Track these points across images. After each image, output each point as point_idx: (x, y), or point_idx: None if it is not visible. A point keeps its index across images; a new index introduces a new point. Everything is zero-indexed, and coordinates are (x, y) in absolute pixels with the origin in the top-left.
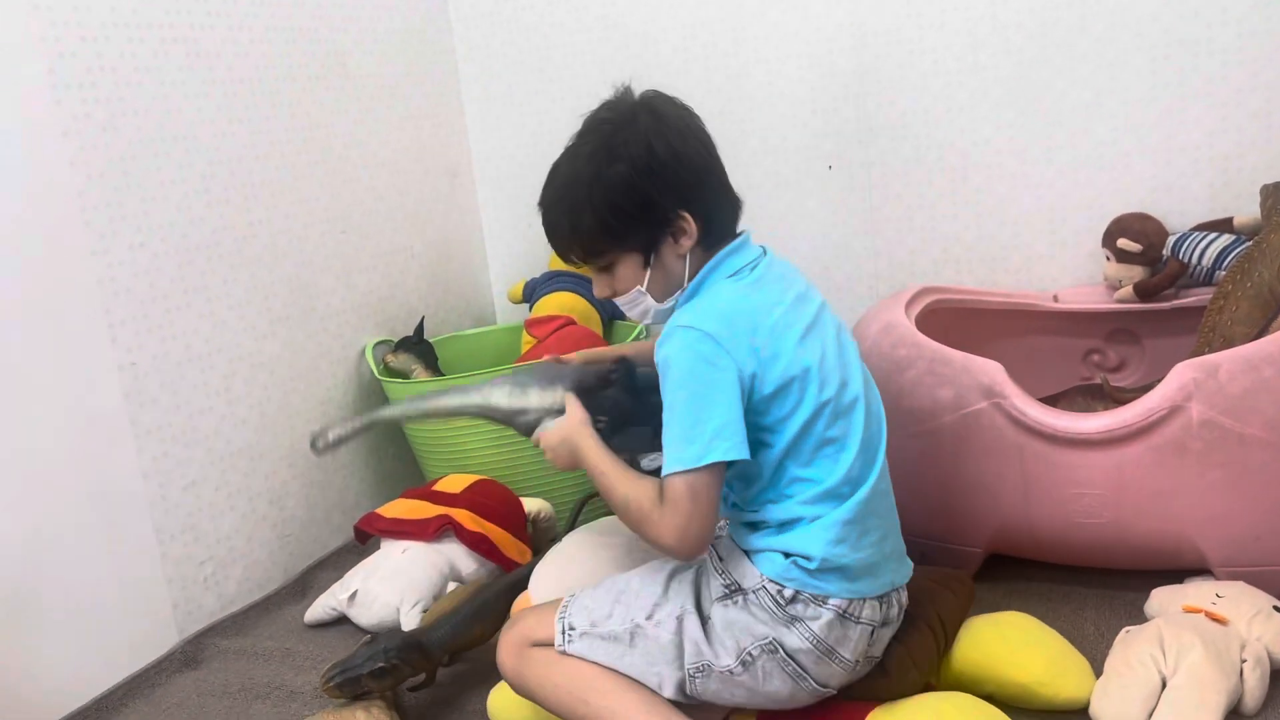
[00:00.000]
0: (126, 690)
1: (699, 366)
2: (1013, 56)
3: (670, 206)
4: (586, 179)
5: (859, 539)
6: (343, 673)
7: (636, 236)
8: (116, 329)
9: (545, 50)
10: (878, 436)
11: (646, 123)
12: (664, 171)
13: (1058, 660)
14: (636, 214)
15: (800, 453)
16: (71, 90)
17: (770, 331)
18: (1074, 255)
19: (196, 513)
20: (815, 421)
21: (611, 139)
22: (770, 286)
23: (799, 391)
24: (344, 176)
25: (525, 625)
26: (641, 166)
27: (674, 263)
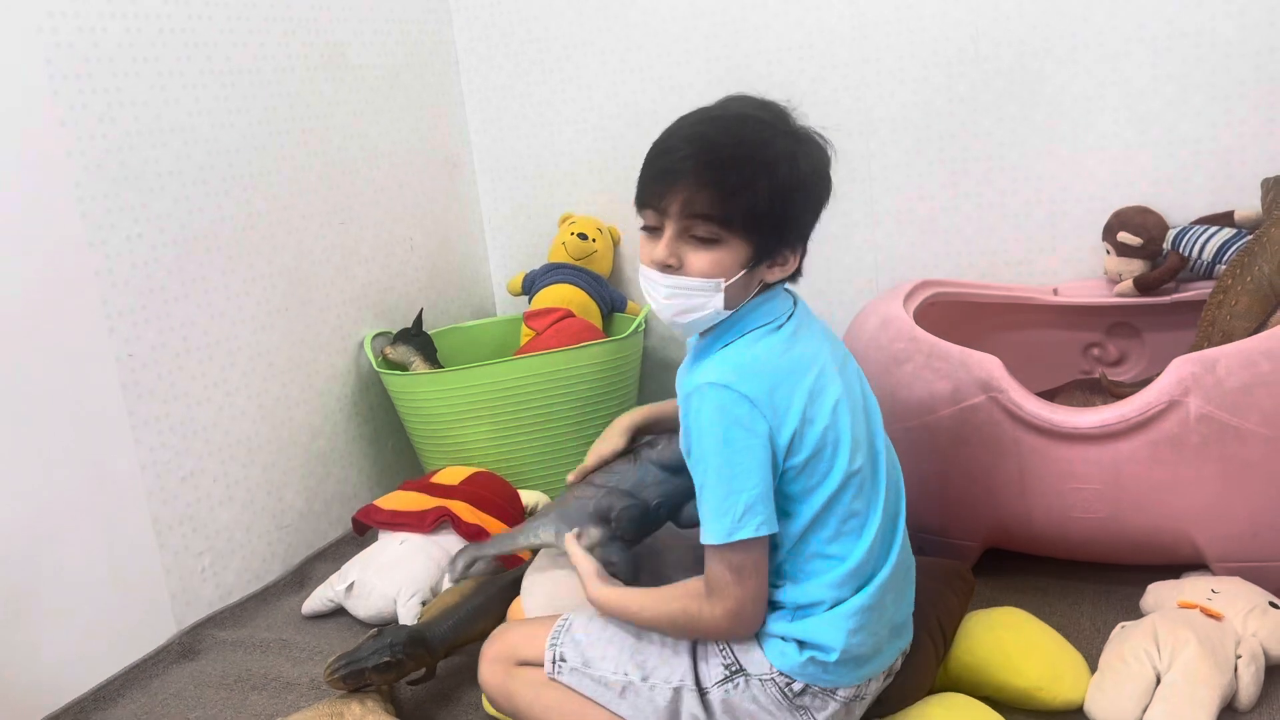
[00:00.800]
0: (124, 680)
1: (733, 431)
2: (1014, 47)
3: (804, 235)
4: (781, 153)
5: (877, 622)
6: (348, 665)
7: (766, 237)
8: (114, 320)
9: (545, 41)
10: (897, 505)
11: (824, 154)
12: (816, 204)
13: (1054, 663)
14: (787, 220)
15: (824, 526)
16: (68, 80)
17: (809, 393)
18: (1074, 249)
19: (194, 504)
20: (842, 493)
21: (802, 141)
22: (806, 342)
23: (829, 460)
24: (343, 168)
25: (510, 642)
26: (810, 185)
27: (755, 282)
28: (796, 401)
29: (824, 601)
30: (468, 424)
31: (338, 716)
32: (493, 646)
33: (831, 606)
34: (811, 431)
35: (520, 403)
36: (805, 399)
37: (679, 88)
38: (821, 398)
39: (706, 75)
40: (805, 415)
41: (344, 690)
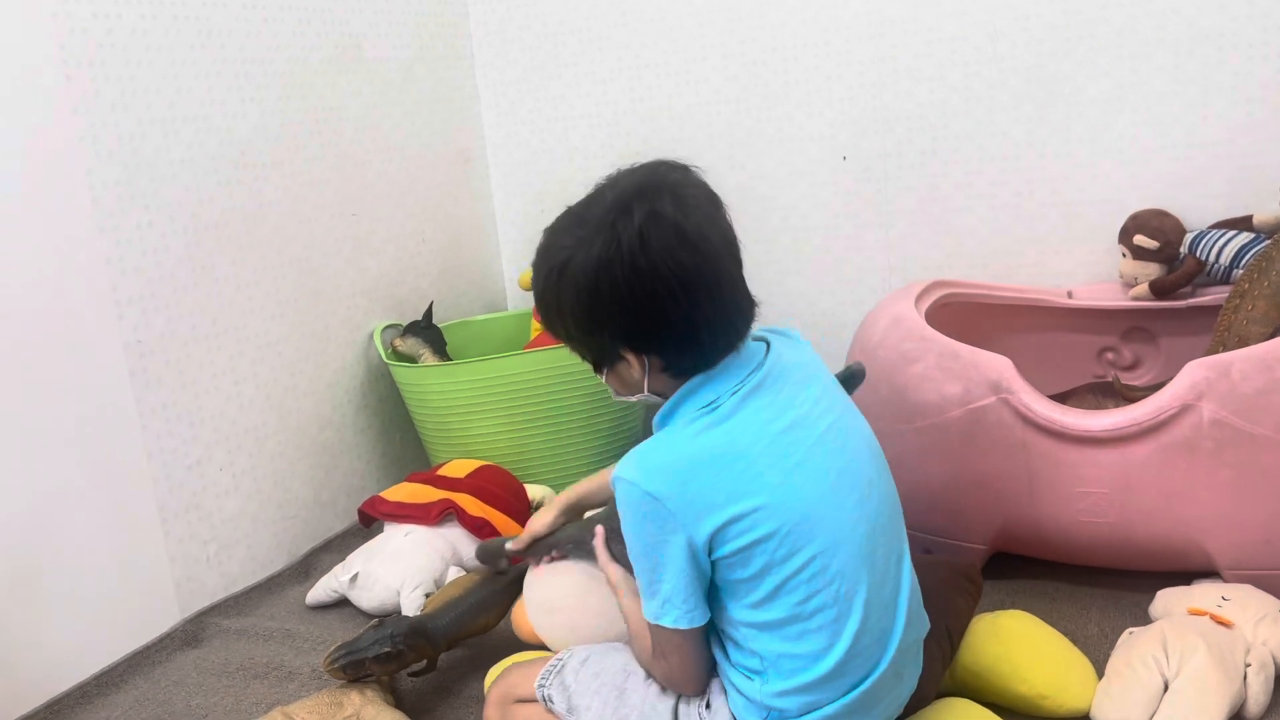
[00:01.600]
0: (128, 666)
1: (644, 526)
2: (1032, 48)
3: (612, 343)
4: (551, 283)
5: (869, 713)
6: (348, 655)
7: (584, 352)
8: (123, 307)
9: (561, 35)
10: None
11: (602, 248)
12: (606, 310)
13: (1061, 671)
14: (581, 336)
15: (786, 625)
16: (82, 67)
17: (733, 483)
18: (1089, 251)
19: (201, 492)
20: (794, 585)
21: (574, 248)
22: (750, 418)
23: (767, 554)
24: (355, 160)
25: (509, 683)
26: (585, 297)
27: (630, 378)
28: (719, 494)
29: (800, 706)
30: (476, 417)
31: (337, 706)
32: (496, 689)
33: (806, 714)
34: (737, 526)
35: (529, 397)
36: (729, 490)
37: (694, 83)
38: (753, 485)
39: (722, 71)
40: (728, 510)
41: (343, 680)
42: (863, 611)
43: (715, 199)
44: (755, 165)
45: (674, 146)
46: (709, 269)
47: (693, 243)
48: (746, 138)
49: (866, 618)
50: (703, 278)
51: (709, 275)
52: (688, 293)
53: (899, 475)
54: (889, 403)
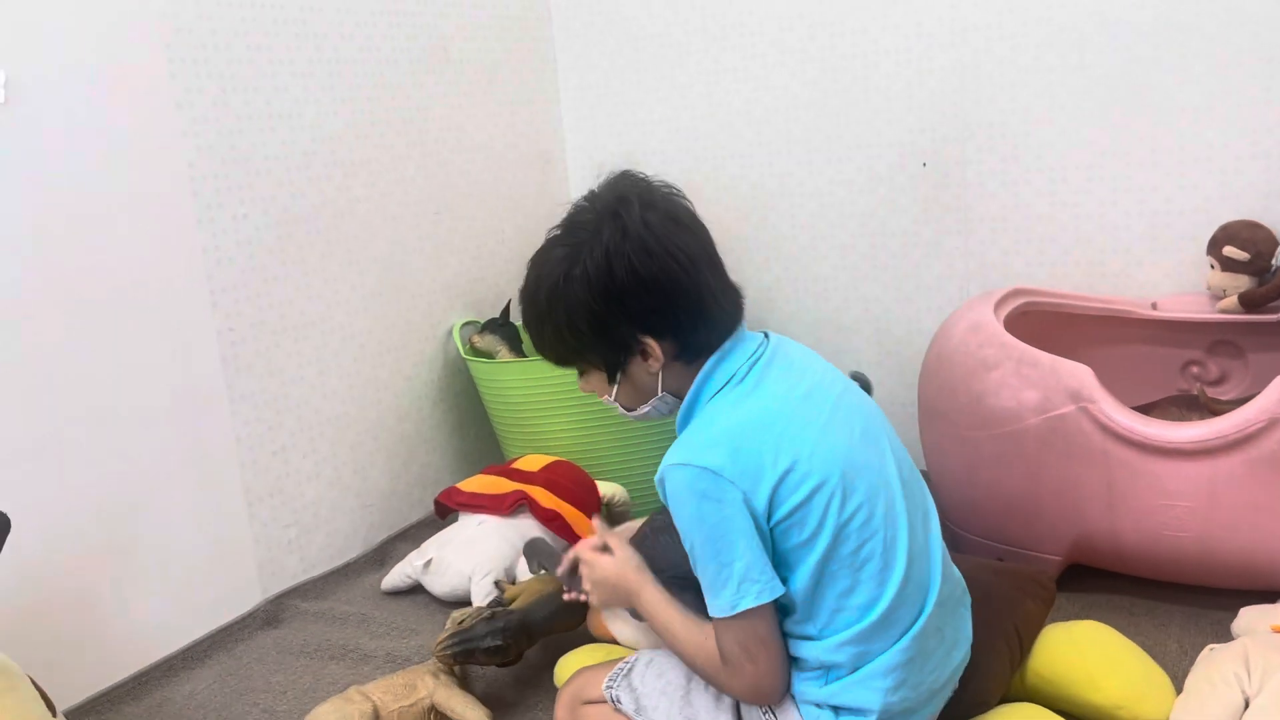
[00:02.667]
0: (211, 643)
1: (704, 507)
2: (1120, 54)
3: (629, 333)
4: (548, 290)
5: (919, 673)
6: (461, 643)
7: (597, 355)
8: (218, 295)
9: (641, 41)
10: (926, 538)
11: (610, 238)
12: (624, 297)
13: (1137, 682)
14: (594, 337)
15: (836, 579)
16: (186, 65)
17: (778, 442)
18: (1176, 262)
19: (284, 478)
20: (844, 539)
21: (576, 251)
22: (772, 385)
23: (821, 507)
24: (439, 159)
25: (578, 685)
26: (599, 290)
27: (645, 378)
28: (767, 456)
29: (855, 658)
30: (549, 413)
31: (411, 688)
32: (566, 691)
33: (861, 665)
34: (790, 481)
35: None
36: (775, 449)
37: (772, 88)
38: (796, 442)
39: (801, 77)
40: (779, 467)
41: (448, 665)
42: (905, 559)
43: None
44: (833, 170)
45: (751, 151)
46: (704, 247)
47: (686, 225)
48: (824, 143)
49: (909, 564)
50: (703, 253)
51: (706, 252)
52: (695, 266)
53: (974, 482)
54: (965, 409)
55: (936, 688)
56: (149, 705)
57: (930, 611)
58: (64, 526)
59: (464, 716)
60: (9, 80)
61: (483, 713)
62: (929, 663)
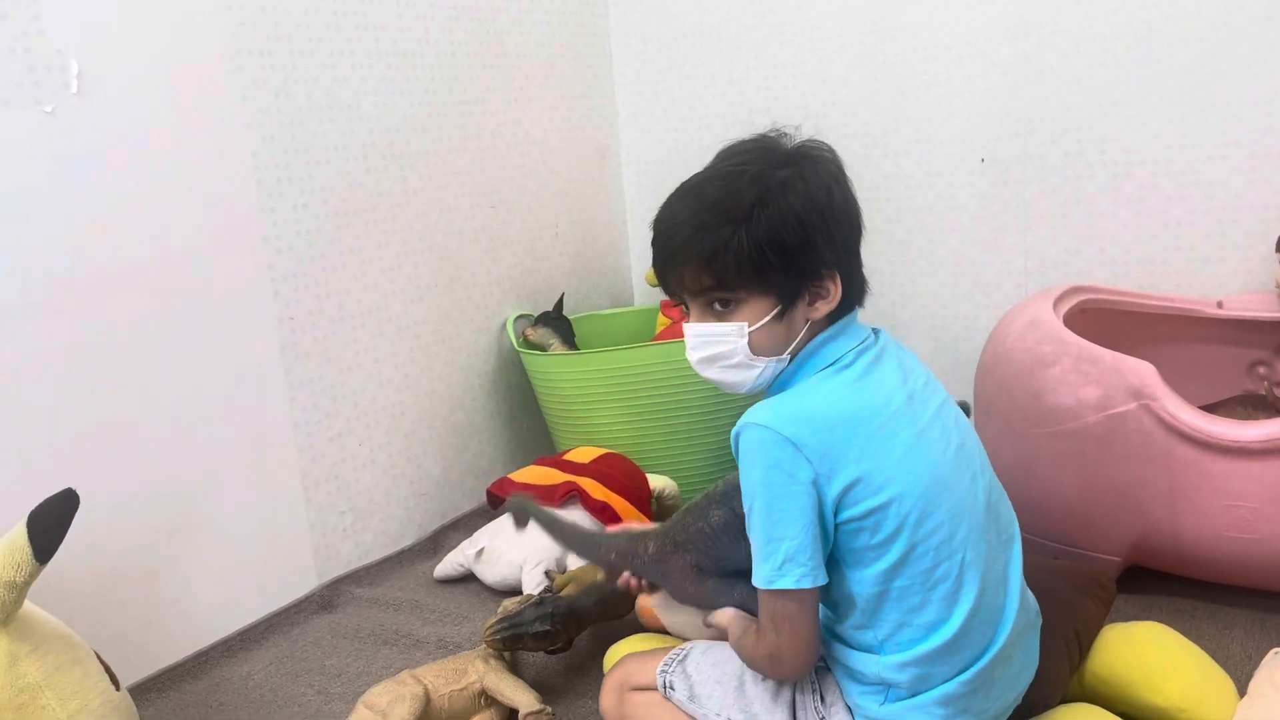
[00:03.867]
0: (268, 626)
1: (774, 475)
2: (1190, 47)
3: (827, 260)
4: (750, 201)
5: (986, 697)
6: (510, 628)
7: (782, 279)
8: (278, 284)
9: (698, 35)
10: (1006, 566)
11: (829, 166)
12: (838, 220)
13: (1198, 684)
14: (795, 255)
15: (905, 595)
16: (251, 57)
17: (869, 443)
18: (1244, 260)
19: (340, 464)
20: (918, 556)
21: (781, 170)
22: (879, 381)
23: (896, 520)
24: (495, 152)
25: (625, 671)
26: (819, 205)
27: (798, 324)
28: (853, 451)
29: (916, 680)
30: (600, 406)
31: (461, 673)
32: (611, 676)
33: (922, 691)
34: (869, 486)
35: (652, 389)
36: (861, 449)
37: (830, 82)
38: (885, 448)
39: (860, 70)
40: (860, 468)
41: (497, 650)
42: (979, 585)
43: None
44: (891, 165)
45: None
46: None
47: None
48: (882, 137)
49: (983, 592)
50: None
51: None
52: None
53: (1031, 481)
54: (1023, 406)
55: (998, 713)
56: (207, 684)
57: (1002, 644)
58: (128, 507)
59: (514, 700)
60: (81, 72)
61: (532, 696)
62: (994, 689)
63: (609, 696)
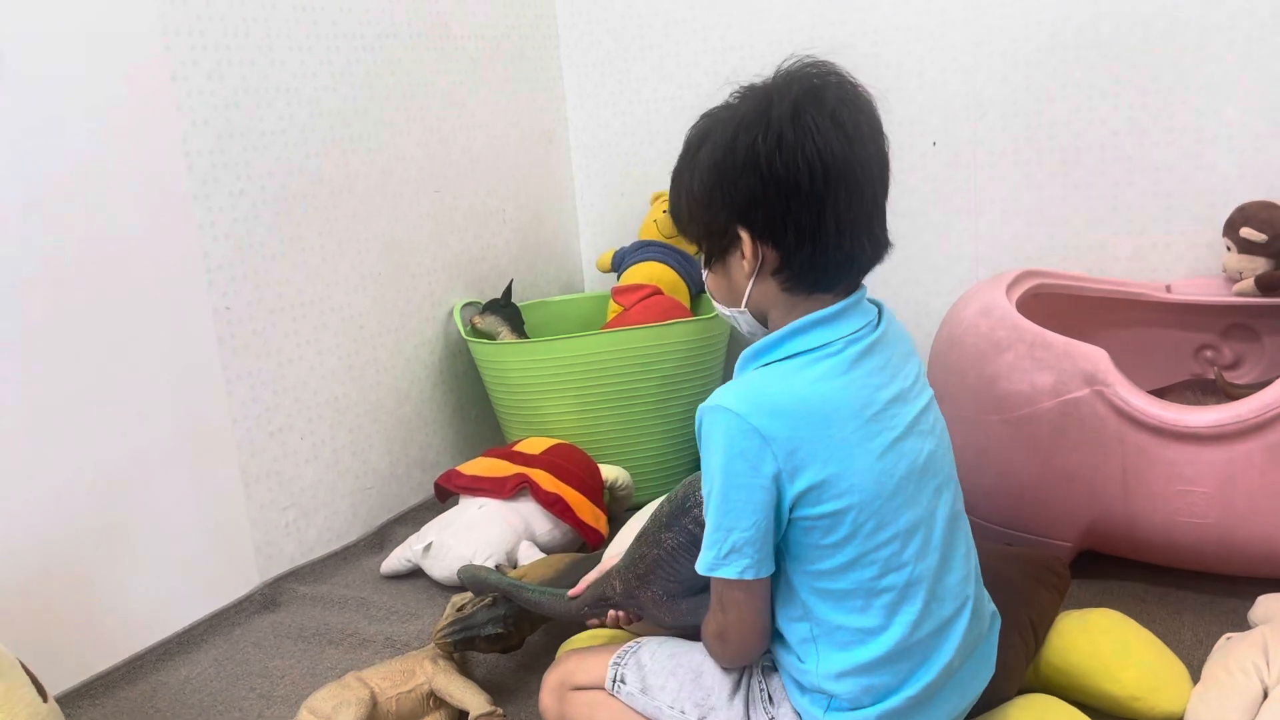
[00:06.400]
0: (207, 627)
1: (736, 464)
2: (1137, 32)
3: (728, 219)
4: (690, 150)
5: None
6: (461, 631)
7: (700, 231)
8: (213, 273)
9: (646, 17)
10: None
11: (747, 113)
12: (735, 176)
13: (1153, 672)
14: (701, 209)
15: (851, 596)
16: (180, 36)
17: (840, 445)
18: (1191, 244)
19: (281, 459)
20: (871, 559)
21: (719, 116)
22: (864, 379)
23: (851, 525)
24: (440, 136)
25: (565, 669)
26: (717, 160)
27: (738, 278)
28: (822, 453)
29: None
30: (551, 396)
31: (409, 674)
32: (551, 675)
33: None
34: (832, 489)
35: (604, 377)
36: (833, 452)
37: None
38: (856, 454)
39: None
40: (829, 470)
41: (447, 653)
42: (924, 598)
43: (879, 118)
44: None
45: None
46: (856, 168)
47: (847, 134)
48: None
49: (928, 604)
50: (848, 172)
51: (854, 173)
52: (827, 181)
53: (984, 466)
54: (976, 392)
55: (951, 715)
56: (144, 689)
57: (950, 658)
58: (55, 509)
59: (464, 702)
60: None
61: (483, 698)
62: (943, 700)
63: (548, 695)
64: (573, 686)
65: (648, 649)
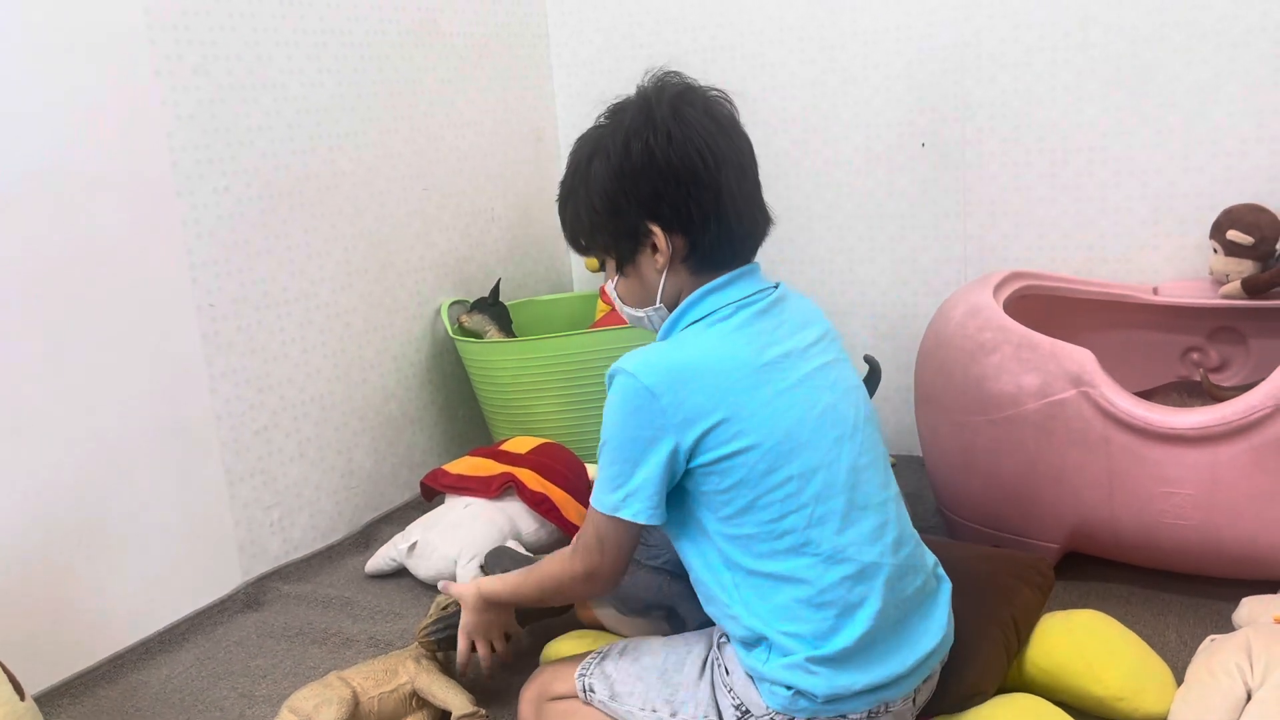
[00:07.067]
0: (189, 625)
1: (631, 420)
2: (1126, 33)
3: (639, 218)
4: (571, 168)
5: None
6: (445, 629)
7: (609, 239)
8: (198, 270)
9: (636, 16)
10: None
11: (632, 121)
12: (636, 177)
13: (1137, 673)
14: (607, 217)
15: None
16: (165, 31)
17: (726, 392)
18: (1178, 246)
19: (266, 458)
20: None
21: (601, 132)
22: (754, 336)
23: (743, 468)
24: (428, 134)
25: (542, 681)
26: (614, 169)
27: (651, 275)
28: (709, 401)
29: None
30: (538, 395)
31: (392, 674)
32: (529, 687)
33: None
34: (721, 434)
35: (591, 376)
36: (721, 398)
37: (770, 66)
38: (744, 400)
39: (799, 54)
40: (718, 415)
41: (430, 652)
42: (831, 543)
43: (728, 99)
44: (830, 151)
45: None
46: (736, 152)
47: (722, 125)
48: (822, 122)
49: (839, 549)
50: (733, 155)
51: (737, 156)
52: (718, 164)
53: (970, 467)
54: (963, 393)
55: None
56: (124, 689)
57: (880, 607)
58: (38, 508)
59: (446, 702)
60: None
61: (466, 698)
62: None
63: (527, 706)
64: (550, 697)
65: (610, 659)
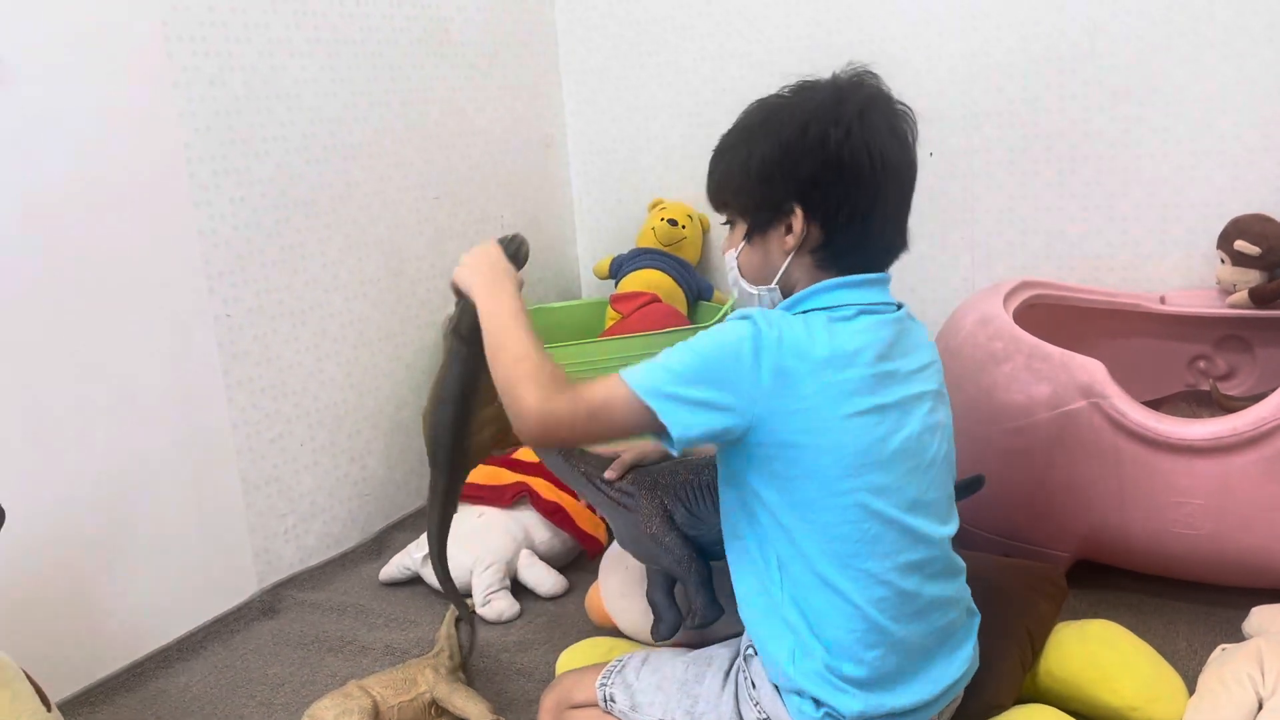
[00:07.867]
0: (206, 633)
1: (724, 350)
2: (1133, 43)
3: (785, 194)
4: (748, 129)
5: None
6: None
7: (749, 203)
8: (214, 280)
9: (645, 24)
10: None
11: (818, 103)
12: (801, 157)
13: (1150, 682)
14: (757, 183)
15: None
16: (183, 43)
17: (823, 388)
18: (1185, 256)
19: (281, 466)
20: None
21: (783, 103)
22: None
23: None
24: (439, 142)
25: (562, 689)
26: (785, 141)
27: (776, 254)
28: (801, 386)
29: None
30: None
31: (410, 682)
32: (549, 697)
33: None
34: (794, 423)
35: None
36: (813, 388)
37: (778, 74)
38: (843, 402)
39: (809, 62)
40: (796, 404)
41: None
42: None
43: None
44: None
45: None
46: (904, 171)
47: (900, 140)
48: None
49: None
50: (900, 172)
51: (903, 174)
52: (885, 172)
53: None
54: (974, 403)
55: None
56: (144, 697)
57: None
58: (57, 516)
59: (465, 710)
60: (1, 57)
61: (485, 706)
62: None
63: (546, 716)
64: (570, 705)
65: (631, 666)
